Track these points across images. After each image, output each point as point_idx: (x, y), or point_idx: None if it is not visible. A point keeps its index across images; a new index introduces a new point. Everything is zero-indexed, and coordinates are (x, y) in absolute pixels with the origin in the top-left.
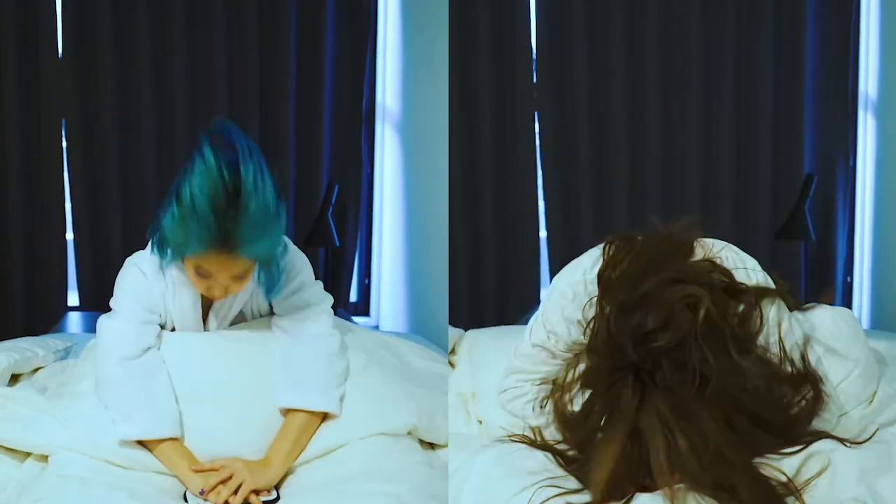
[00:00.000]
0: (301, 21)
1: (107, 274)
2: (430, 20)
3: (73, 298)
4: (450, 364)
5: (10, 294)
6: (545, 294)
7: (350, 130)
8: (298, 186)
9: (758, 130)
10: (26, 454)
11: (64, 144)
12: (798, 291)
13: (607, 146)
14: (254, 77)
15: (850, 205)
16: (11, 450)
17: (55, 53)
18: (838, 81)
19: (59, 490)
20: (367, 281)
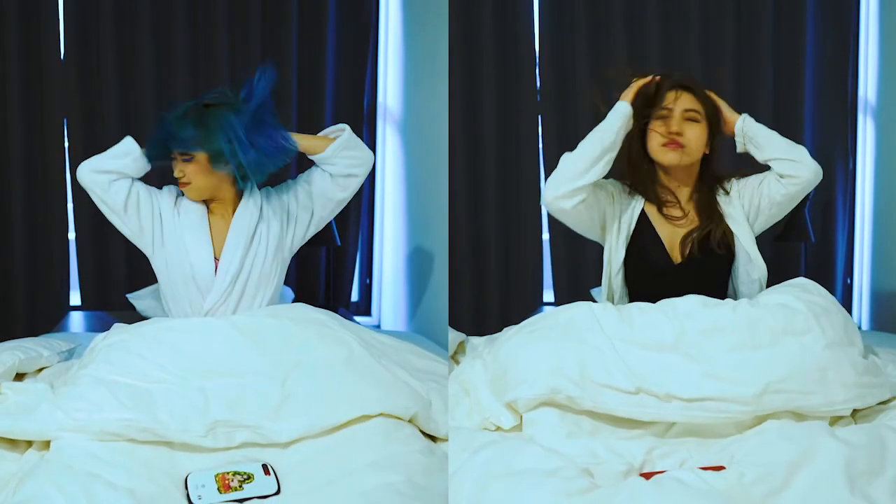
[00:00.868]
0: (303, 22)
1: (108, 274)
2: (432, 21)
3: (75, 298)
4: (453, 360)
5: (13, 293)
6: None
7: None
8: None
9: None
10: (26, 447)
11: (66, 144)
12: None
13: None
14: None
15: (850, 207)
16: (13, 444)
17: (57, 53)
18: (838, 84)
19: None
20: (369, 281)
